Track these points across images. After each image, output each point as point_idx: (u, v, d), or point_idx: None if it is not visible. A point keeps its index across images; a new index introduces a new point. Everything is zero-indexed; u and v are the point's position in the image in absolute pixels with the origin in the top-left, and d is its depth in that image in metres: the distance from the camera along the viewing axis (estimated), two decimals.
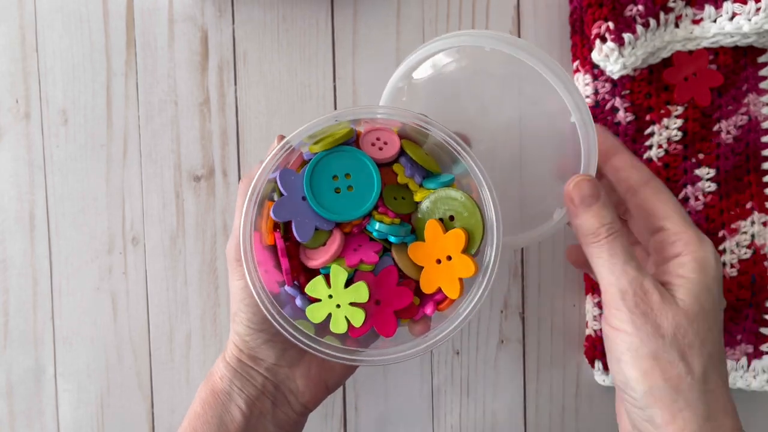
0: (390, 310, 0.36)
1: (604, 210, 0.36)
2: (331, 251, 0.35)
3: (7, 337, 0.48)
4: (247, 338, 0.38)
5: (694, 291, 0.35)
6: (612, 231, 0.36)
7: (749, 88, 0.45)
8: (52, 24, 0.47)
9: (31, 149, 0.48)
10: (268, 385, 0.39)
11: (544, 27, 0.47)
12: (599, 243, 0.36)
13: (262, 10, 0.47)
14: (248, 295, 0.37)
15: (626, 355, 0.34)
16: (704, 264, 0.36)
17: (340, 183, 0.36)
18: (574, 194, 0.36)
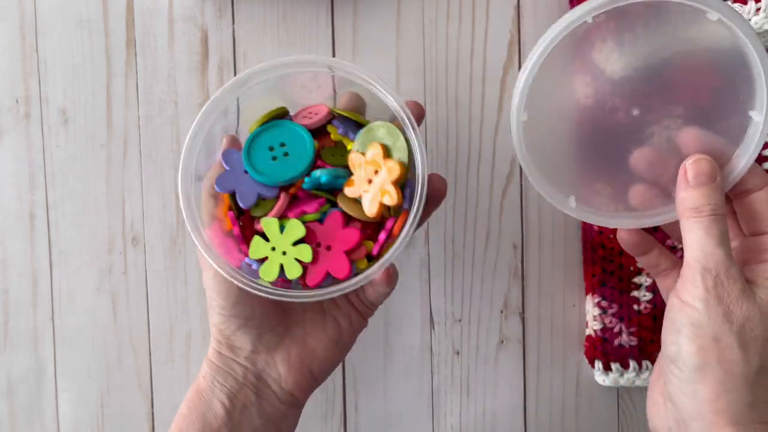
0: (340, 251, 0.38)
1: (714, 192, 0.36)
2: (274, 211, 0.38)
3: (7, 336, 0.48)
4: (222, 326, 0.39)
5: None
6: (715, 212, 0.35)
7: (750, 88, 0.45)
8: (52, 24, 0.47)
9: (31, 149, 0.48)
10: (249, 375, 0.39)
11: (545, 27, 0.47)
12: (699, 218, 0.35)
13: (262, 9, 0.47)
14: (217, 282, 0.38)
15: (688, 328, 0.34)
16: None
17: (276, 152, 0.39)
18: (690, 168, 0.36)
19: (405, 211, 0.38)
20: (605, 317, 0.47)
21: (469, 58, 0.47)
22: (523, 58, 0.47)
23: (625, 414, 0.49)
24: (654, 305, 0.46)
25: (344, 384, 0.49)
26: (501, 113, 0.47)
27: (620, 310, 0.47)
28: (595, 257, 0.47)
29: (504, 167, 0.48)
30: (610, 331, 0.47)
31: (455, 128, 0.47)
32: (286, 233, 0.38)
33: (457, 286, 0.48)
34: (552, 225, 0.48)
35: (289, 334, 0.40)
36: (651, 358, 0.47)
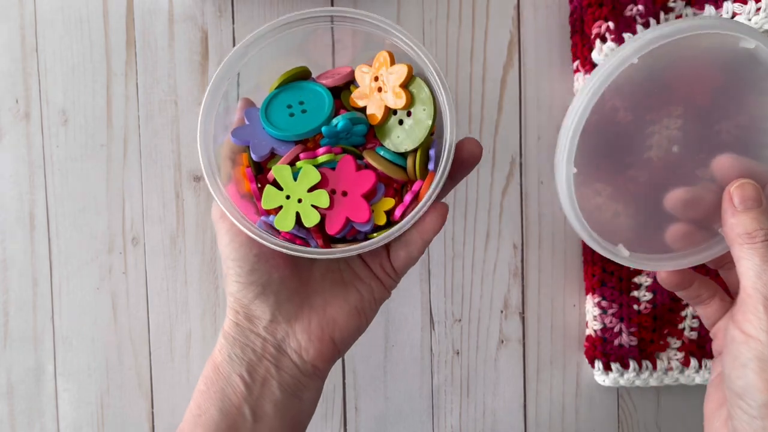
0: (357, 195, 0.36)
1: (764, 216, 0.35)
2: (285, 158, 0.37)
3: (7, 336, 0.48)
4: (239, 295, 0.38)
5: None
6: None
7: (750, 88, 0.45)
8: (53, 24, 0.47)
9: (31, 149, 0.48)
10: (268, 347, 0.38)
11: (544, 27, 0.47)
12: (754, 245, 0.35)
13: (262, 9, 0.47)
14: (234, 248, 0.37)
15: (754, 362, 0.33)
16: None
17: (294, 110, 0.38)
18: (736, 194, 0.36)
19: (431, 173, 0.37)
20: (605, 317, 0.47)
21: (469, 58, 0.47)
22: (523, 58, 0.47)
23: (625, 414, 0.49)
24: (654, 305, 0.46)
25: (344, 384, 0.49)
26: (501, 113, 0.47)
27: (620, 310, 0.47)
28: (595, 257, 0.47)
29: (504, 167, 0.48)
30: (610, 331, 0.47)
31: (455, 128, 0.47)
32: (301, 179, 0.36)
33: (457, 286, 0.48)
34: (552, 225, 0.48)
35: (308, 304, 0.39)
36: (651, 358, 0.47)
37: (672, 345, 0.47)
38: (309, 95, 0.38)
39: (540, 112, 0.48)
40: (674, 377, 0.47)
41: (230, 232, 0.37)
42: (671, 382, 0.47)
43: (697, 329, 0.46)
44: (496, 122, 0.47)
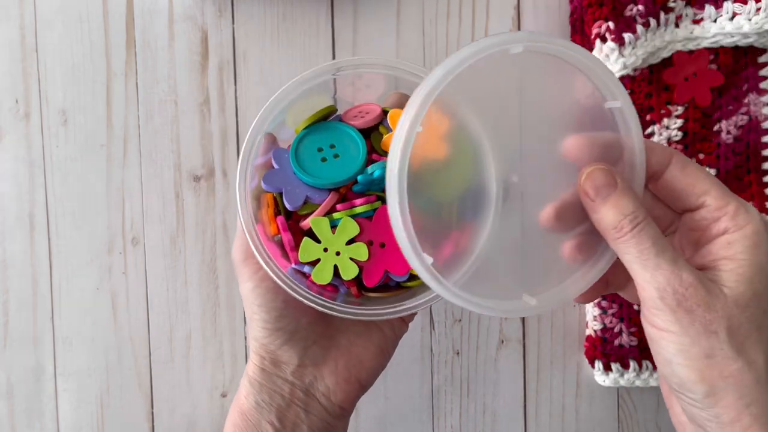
0: (396, 247, 0.34)
1: (623, 199, 0.32)
2: (321, 208, 0.36)
3: (7, 337, 0.48)
4: (265, 341, 0.37)
5: (746, 274, 0.31)
6: (636, 221, 0.31)
7: (749, 88, 0.45)
8: (52, 24, 0.47)
9: (31, 149, 0.48)
10: (297, 391, 0.37)
11: (545, 27, 0.47)
12: (624, 238, 0.32)
13: (262, 9, 0.47)
14: (259, 294, 0.36)
15: (678, 357, 0.31)
16: (756, 239, 0.31)
17: (326, 153, 0.37)
18: (587, 186, 0.32)
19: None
20: (605, 317, 0.47)
21: None
22: None
23: (625, 414, 0.49)
24: None
25: None
26: None
27: (620, 310, 0.47)
28: None
29: None
30: (610, 331, 0.47)
31: None
32: (339, 232, 0.35)
33: None
34: None
35: (335, 345, 0.38)
36: (651, 358, 0.47)
37: None
38: (340, 138, 0.37)
39: None
40: None
41: (255, 277, 0.36)
42: None
43: None
44: None
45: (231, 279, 0.48)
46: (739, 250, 0.31)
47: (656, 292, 0.31)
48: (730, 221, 0.32)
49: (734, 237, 0.32)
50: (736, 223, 0.32)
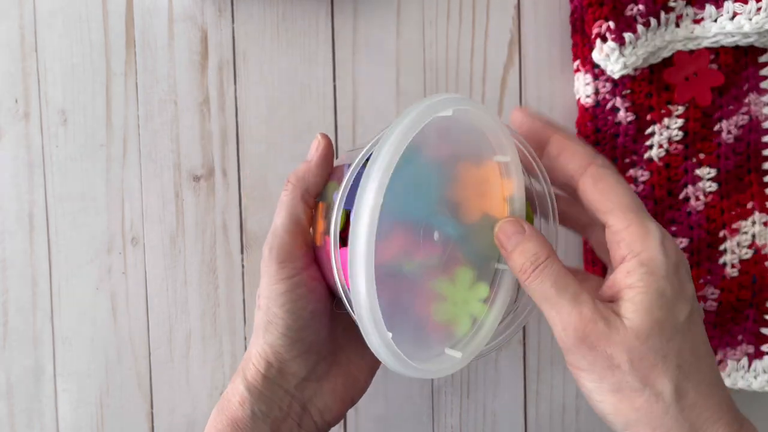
0: None
1: (527, 243, 0.32)
2: (400, 242, 0.33)
3: (6, 337, 0.48)
4: (281, 349, 0.35)
5: (644, 302, 0.30)
6: (537, 263, 0.32)
7: (750, 88, 0.45)
8: (52, 24, 0.47)
9: (31, 149, 0.48)
10: (295, 405, 0.36)
11: (545, 26, 0.47)
12: (528, 279, 0.32)
13: (262, 9, 0.47)
14: (290, 300, 0.34)
15: (593, 393, 0.31)
16: (651, 265, 0.31)
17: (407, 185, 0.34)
18: (501, 238, 0.33)
19: None
20: None
21: (469, 58, 0.47)
22: (523, 58, 0.47)
23: None
24: None
25: None
26: (501, 113, 0.47)
27: None
28: (595, 257, 0.47)
29: None
30: None
31: None
32: (458, 282, 0.35)
33: None
34: None
35: (336, 362, 0.37)
36: None
37: None
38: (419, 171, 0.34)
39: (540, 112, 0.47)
40: None
41: (289, 281, 0.34)
42: None
43: None
44: None
45: (231, 279, 0.48)
46: (636, 279, 0.31)
47: (562, 330, 0.31)
48: (626, 248, 0.32)
49: (631, 265, 0.31)
50: (632, 249, 0.31)
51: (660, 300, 0.31)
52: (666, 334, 0.30)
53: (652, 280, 0.31)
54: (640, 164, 0.46)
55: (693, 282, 0.32)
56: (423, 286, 0.34)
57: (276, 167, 0.47)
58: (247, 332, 0.48)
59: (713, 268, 0.46)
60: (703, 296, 0.46)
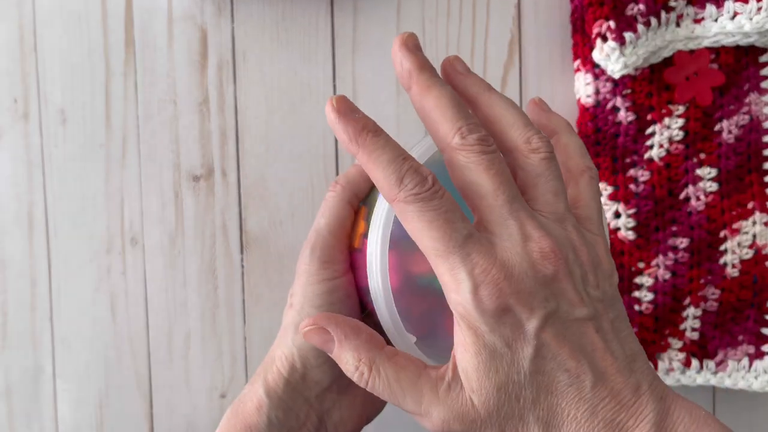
0: None
1: (343, 353, 0.29)
2: None
3: (5, 337, 0.48)
4: (309, 354, 0.33)
5: (478, 367, 0.27)
6: (361, 373, 0.29)
7: (751, 88, 0.45)
8: (51, 23, 0.47)
9: (30, 149, 0.48)
10: (312, 416, 0.34)
11: (545, 26, 0.47)
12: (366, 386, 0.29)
13: (262, 8, 0.47)
14: (327, 302, 0.33)
15: None
16: (461, 311, 0.27)
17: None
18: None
19: None
20: None
21: (470, 57, 0.47)
22: (523, 58, 0.47)
23: None
24: (655, 305, 0.46)
25: None
26: None
27: None
28: None
29: None
30: None
31: None
32: None
33: None
34: None
35: None
36: (652, 358, 0.47)
37: (673, 346, 0.47)
38: None
39: None
40: (675, 378, 0.47)
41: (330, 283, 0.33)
42: (672, 383, 0.47)
43: (699, 330, 0.46)
44: None
45: (230, 279, 0.48)
46: (460, 336, 0.27)
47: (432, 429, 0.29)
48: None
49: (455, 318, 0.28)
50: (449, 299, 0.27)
51: (492, 359, 0.27)
52: (512, 393, 0.27)
53: (464, 335, 0.27)
54: (641, 164, 0.45)
55: (534, 309, 0.27)
56: None
57: (276, 167, 0.47)
58: (246, 332, 0.48)
59: (714, 268, 0.46)
60: (704, 296, 0.46)
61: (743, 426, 0.49)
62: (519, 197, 0.27)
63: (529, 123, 0.29)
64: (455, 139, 0.27)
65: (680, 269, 0.46)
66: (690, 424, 0.27)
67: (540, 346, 0.26)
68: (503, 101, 0.29)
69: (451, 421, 0.27)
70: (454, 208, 0.26)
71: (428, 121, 0.28)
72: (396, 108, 0.47)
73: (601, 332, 0.27)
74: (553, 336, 0.26)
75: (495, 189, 0.27)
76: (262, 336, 0.48)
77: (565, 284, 0.27)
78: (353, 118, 0.27)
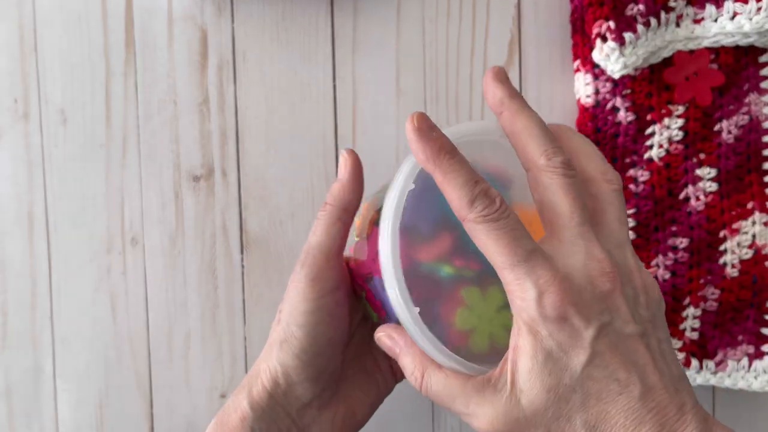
0: None
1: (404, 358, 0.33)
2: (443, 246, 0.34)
3: (5, 337, 0.48)
4: (293, 371, 0.34)
5: (533, 368, 0.29)
6: (417, 380, 0.32)
7: (750, 88, 0.45)
8: (51, 23, 0.47)
9: (30, 149, 0.48)
10: (293, 430, 0.35)
11: (545, 26, 0.47)
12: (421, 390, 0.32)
13: (262, 8, 0.47)
14: (311, 321, 0.34)
15: None
16: (525, 317, 0.29)
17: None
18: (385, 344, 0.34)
19: None
20: None
21: (469, 58, 0.47)
22: (523, 58, 0.47)
23: None
24: None
25: None
26: None
27: None
28: None
29: None
30: None
31: None
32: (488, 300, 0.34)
33: None
34: None
35: (340, 394, 0.37)
36: None
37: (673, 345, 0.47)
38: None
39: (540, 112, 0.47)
40: None
41: (320, 300, 0.34)
42: None
43: (698, 329, 0.46)
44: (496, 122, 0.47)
45: (230, 279, 0.48)
46: (517, 341, 0.30)
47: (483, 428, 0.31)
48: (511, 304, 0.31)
49: (515, 330, 0.30)
50: (513, 308, 0.30)
51: (547, 362, 0.29)
52: (562, 396, 0.29)
53: (531, 346, 0.29)
54: (640, 164, 0.46)
55: (595, 318, 0.29)
56: (454, 292, 0.34)
57: (276, 167, 0.47)
58: (246, 332, 0.48)
59: (713, 268, 0.46)
60: (704, 296, 0.46)
61: (743, 426, 0.49)
62: (588, 221, 0.30)
63: (603, 158, 0.33)
64: (541, 160, 0.30)
65: (680, 269, 0.46)
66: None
67: (594, 354, 0.28)
68: (580, 137, 0.33)
69: (495, 420, 0.29)
70: (520, 226, 0.29)
71: (517, 142, 0.31)
72: (396, 108, 0.47)
73: (650, 350, 0.29)
74: (606, 346, 0.29)
75: (571, 211, 0.29)
76: (262, 336, 0.48)
77: (620, 302, 0.29)
78: (431, 137, 0.30)
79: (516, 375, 0.29)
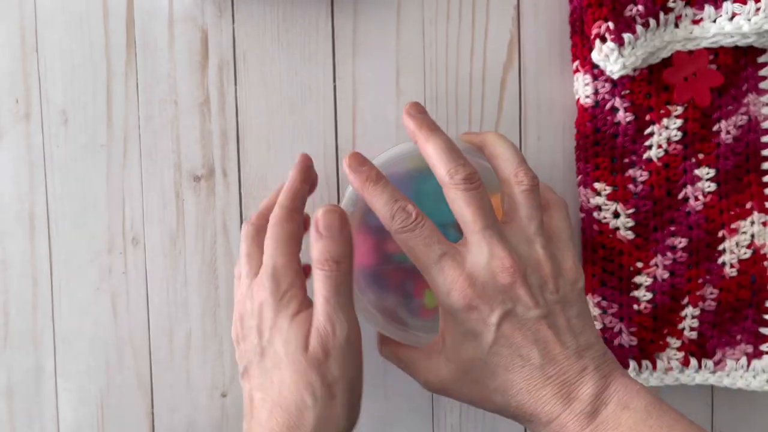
0: None
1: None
2: None
3: (6, 337, 0.48)
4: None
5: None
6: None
7: (749, 88, 0.45)
8: (53, 24, 0.47)
9: (31, 149, 0.48)
10: None
11: (544, 27, 0.47)
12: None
13: (263, 9, 0.47)
14: (285, 411, 0.36)
15: None
16: (447, 316, 0.38)
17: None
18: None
19: None
20: (605, 317, 0.47)
21: (469, 58, 0.47)
22: (523, 59, 0.47)
23: None
24: (654, 305, 0.46)
25: None
26: (501, 113, 0.47)
27: (620, 310, 0.47)
28: (595, 257, 0.47)
29: None
30: (610, 331, 0.47)
31: (455, 128, 0.47)
32: None
33: None
34: None
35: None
36: (651, 358, 0.47)
37: (672, 345, 0.47)
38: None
39: (540, 112, 0.48)
40: (674, 377, 0.47)
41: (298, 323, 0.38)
42: (671, 382, 0.47)
43: (697, 329, 0.46)
44: (496, 122, 0.47)
45: (231, 279, 0.48)
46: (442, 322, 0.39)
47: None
48: None
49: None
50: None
51: (463, 341, 0.36)
52: (476, 366, 0.37)
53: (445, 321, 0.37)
54: (639, 164, 0.46)
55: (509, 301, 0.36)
56: (421, 277, 0.38)
57: (276, 167, 0.48)
58: None
59: (712, 268, 0.46)
60: (702, 296, 0.46)
61: (742, 425, 0.49)
62: (493, 224, 0.36)
63: (521, 160, 0.38)
64: (446, 178, 0.36)
65: (679, 269, 0.46)
66: (624, 395, 0.35)
67: (499, 335, 0.35)
68: (501, 143, 0.39)
69: (429, 378, 0.38)
70: (432, 234, 0.36)
71: (430, 164, 0.37)
72: (395, 108, 0.47)
73: (554, 328, 0.36)
74: (509, 329, 0.35)
75: (473, 220, 0.35)
76: None
77: (521, 291, 0.35)
78: (359, 171, 0.37)
79: (444, 348, 0.37)
